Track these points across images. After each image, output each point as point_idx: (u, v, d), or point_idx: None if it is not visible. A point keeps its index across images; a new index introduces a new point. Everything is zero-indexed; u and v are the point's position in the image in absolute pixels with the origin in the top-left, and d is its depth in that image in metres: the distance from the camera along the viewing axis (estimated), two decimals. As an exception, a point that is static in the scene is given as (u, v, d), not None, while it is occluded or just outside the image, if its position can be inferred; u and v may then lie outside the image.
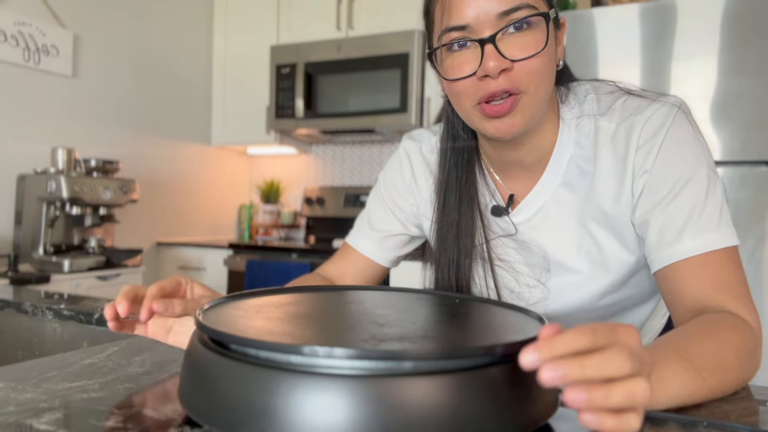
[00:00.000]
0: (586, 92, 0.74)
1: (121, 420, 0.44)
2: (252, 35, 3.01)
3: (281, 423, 0.36)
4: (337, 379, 0.36)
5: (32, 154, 2.25)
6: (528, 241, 0.77)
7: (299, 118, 2.78)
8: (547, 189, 0.75)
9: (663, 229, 0.65)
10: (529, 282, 0.78)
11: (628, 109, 0.69)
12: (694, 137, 0.67)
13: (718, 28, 1.70)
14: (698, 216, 0.63)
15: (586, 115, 0.73)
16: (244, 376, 0.38)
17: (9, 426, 0.42)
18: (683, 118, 0.67)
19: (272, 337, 0.41)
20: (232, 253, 2.69)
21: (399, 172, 0.90)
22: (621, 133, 0.69)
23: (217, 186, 3.25)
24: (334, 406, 0.35)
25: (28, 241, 2.10)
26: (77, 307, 0.95)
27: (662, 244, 0.65)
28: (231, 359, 0.40)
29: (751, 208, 1.66)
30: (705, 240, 0.63)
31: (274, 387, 0.37)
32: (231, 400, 0.38)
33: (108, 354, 0.64)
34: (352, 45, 2.65)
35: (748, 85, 1.67)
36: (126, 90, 2.67)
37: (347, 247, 0.94)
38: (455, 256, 0.79)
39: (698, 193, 0.64)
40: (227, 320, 0.47)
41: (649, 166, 0.67)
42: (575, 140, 0.73)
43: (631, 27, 1.81)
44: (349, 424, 0.35)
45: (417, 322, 0.50)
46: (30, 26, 2.21)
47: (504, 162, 0.77)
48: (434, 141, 0.86)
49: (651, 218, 0.67)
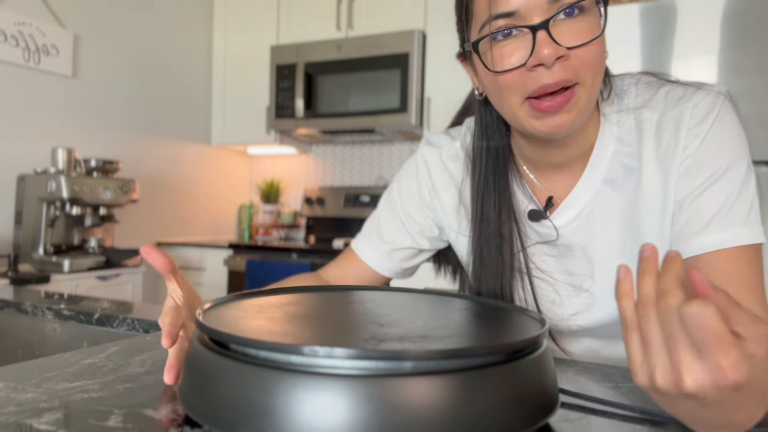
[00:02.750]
0: (626, 86, 0.70)
1: (121, 420, 0.44)
2: (252, 35, 3.01)
3: (281, 423, 0.36)
4: (337, 379, 0.36)
5: (32, 154, 2.25)
6: (570, 245, 0.72)
7: (299, 118, 2.78)
8: (589, 188, 0.70)
9: (691, 218, 0.63)
10: (570, 291, 0.73)
11: (674, 98, 0.66)
12: (739, 128, 0.65)
13: (718, 28, 1.70)
14: (728, 209, 0.61)
15: (626, 109, 0.68)
16: (243, 376, 0.38)
17: (9, 426, 0.42)
18: (730, 107, 0.65)
19: (272, 337, 0.41)
20: (232, 253, 2.69)
21: (416, 181, 0.84)
22: (668, 121, 0.65)
23: (217, 186, 3.25)
24: (334, 406, 0.35)
25: (28, 241, 2.10)
26: (77, 307, 0.95)
27: (688, 233, 0.63)
28: (231, 359, 0.40)
29: (751, 208, 1.66)
30: (731, 234, 0.61)
31: (273, 387, 0.37)
32: (231, 400, 0.38)
33: (108, 354, 0.64)
34: (352, 45, 2.65)
35: (748, 85, 1.67)
36: (126, 90, 2.67)
37: (352, 253, 0.88)
38: (500, 267, 0.73)
39: (733, 186, 0.62)
40: (227, 320, 0.47)
41: (693, 151, 0.63)
42: (617, 137, 0.68)
43: (631, 27, 1.81)
44: (349, 424, 0.35)
45: (417, 321, 0.50)
46: (30, 26, 2.21)
47: (542, 162, 0.72)
48: (456, 147, 0.81)
49: (682, 204, 0.64)
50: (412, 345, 0.41)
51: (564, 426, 0.44)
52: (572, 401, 0.49)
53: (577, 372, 0.60)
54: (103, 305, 0.97)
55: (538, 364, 0.42)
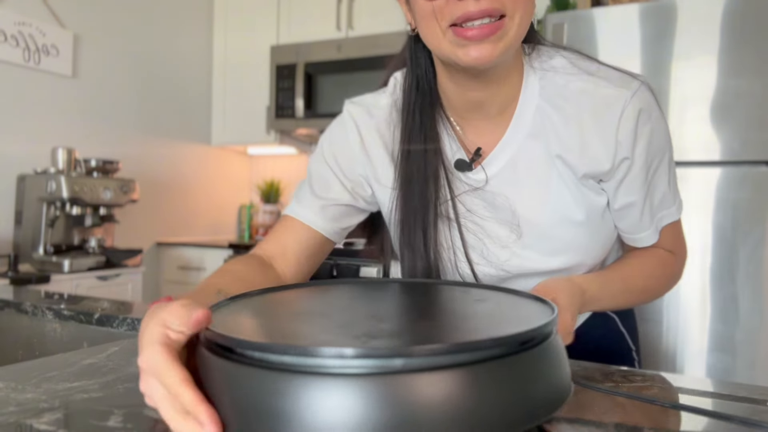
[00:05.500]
0: (554, 52, 0.73)
1: (121, 420, 0.43)
2: (252, 35, 3.01)
3: (291, 424, 0.36)
4: (345, 379, 0.36)
5: (32, 154, 2.25)
6: (496, 196, 0.73)
7: (299, 118, 2.78)
8: (514, 141, 0.71)
9: (643, 214, 0.73)
10: (497, 241, 0.74)
11: (608, 78, 0.68)
12: (664, 119, 0.72)
13: (718, 28, 1.70)
14: (669, 191, 0.74)
15: (554, 70, 0.70)
16: (251, 379, 0.38)
17: (9, 426, 0.42)
18: (654, 98, 0.70)
19: (279, 339, 0.41)
20: (233, 253, 2.69)
21: (345, 138, 0.81)
22: (600, 98, 0.67)
23: (217, 186, 3.24)
24: (344, 404, 0.35)
25: (28, 241, 2.10)
26: (77, 307, 0.95)
27: (643, 226, 0.74)
28: (234, 363, 0.39)
29: (751, 208, 1.66)
30: (672, 211, 0.75)
31: (282, 389, 0.36)
32: (236, 403, 0.38)
33: (108, 354, 0.64)
34: (352, 45, 2.65)
35: (748, 85, 1.67)
36: (126, 90, 2.67)
37: (286, 219, 0.82)
38: (426, 213, 0.73)
39: (668, 173, 0.73)
40: (230, 324, 0.47)
41: (629, 152, 0.68)
42: (540, 92, 0.70)
43: (631, 27, 1.81)
44: (358, 423, 0.35)
45: (420, 314, 0.50)
46: (30, 26, 2.21)
47: (467, 110, 0.73)
48: (384, 102, 0.80)
49: (633, 203, 0.72)
50: (417, 339, 0.40)
51: (566, 427, 0.44)
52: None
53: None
54: (103, 305, 0.97)
55: (549, 352, 0.42)
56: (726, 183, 1.68)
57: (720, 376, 1.68)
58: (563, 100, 0.69)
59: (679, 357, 1.72)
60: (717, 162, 1.69)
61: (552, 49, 0.73)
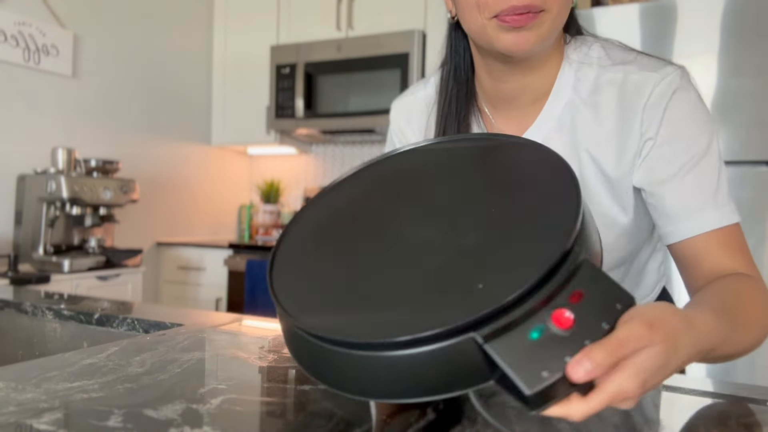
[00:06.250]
0: (594, 42, 0.74)
1: (121, 420, 0.44)
2: (252, 35, 3.01)
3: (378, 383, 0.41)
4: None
5: (32, 154, 2.25)
6: None
7: (299, 118, 2.78)
8: (540, 132, 0.73)
9: (683, 201, 0.66)
10: None
11: (640, 65, 0.68)
12: (704, 105, 0.67)
13: (718, 28, 1.70)
14: (716, 189, 0.65)
15: (590, 62, 0.71)
16: (342, 357, 0.42)
17: (9, 426, 0.42)
18: (691, 84, 0.68)
19: (360, 333, 0.41)
20: (232, 253, 2.69)
21: (390, 140, 0.89)
22: (630, 85, 0.67)
23: (217, 186, 3.25)
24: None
25: (28, 241, 2.10)
26: (77, 307, 0.95)
27: (682, 216, 0.66)
28: (329, 344, 0.43)
29: (751, 208, 1.66)
30: (723, 213, 0.64)
31: (368, 364, 0.41)
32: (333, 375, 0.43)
33: (108, 354, 0.64)
34: (352, 45, 2.65)
35: (748, 85, 1.67)
36: (126, 90, 2.67)
37: None
38: None
39: (713, 166, 0.65)
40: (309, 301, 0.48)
41: (654, 133, 0.66)
42: (574, 84, 0.71)
43: (631, 27, 1.81)
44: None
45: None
46: (30, 26, 2.21)
47: (500, 99, 0.75)
48: (419, 96, 0.85)
49: (667, 189, 0.66)
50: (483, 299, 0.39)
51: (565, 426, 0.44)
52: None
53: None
54: (103, 305, 0.97)
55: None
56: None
57: (720, 376, 1.68)
58: (595, 93, 0.70)
59: (679, 357, 1.72)
60: (717, 162, 1.69)
61: (592, 39, 0.74)
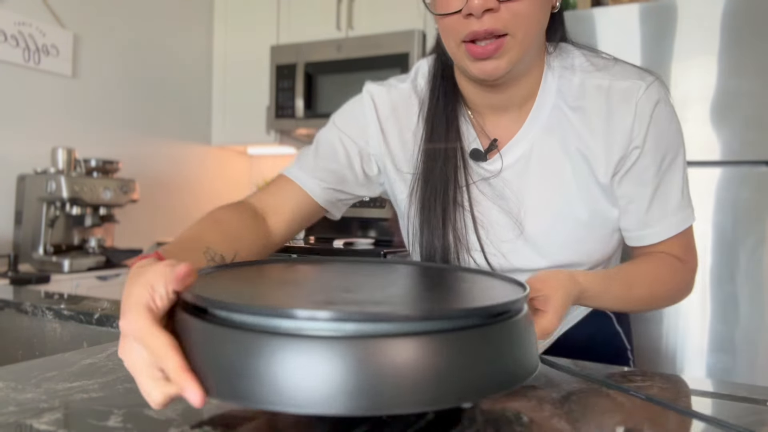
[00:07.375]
0: (575, 49, 0.76)
1: (121, 420, 0.44)
2: (252, 35, 3.01)
3: (264, 384, 0.36)
4: (318, 341, 0.36)
5: (32, 154, 2.25)
6: (506, 187, 0.75)
7: (299, 118, 2.78)
8: (529, 135, 0.74)
9: (654, 209, 0.73)
10: (503, 232, 0.76)
11: (623, 71, 0.71)
12: (677, 117, 0.73)
13: (718, 28, 1.70)
14: (681, 195, 0.73)
15: (572, 68, 0.73)
16: (226, 340, 0.38)
17: (9, 426, 0.42)
18: (667, 95, 0.72)
19: (255, 302, 0.41)
20: (232, 253, 2.68)
21: (362, 113, 0.82)
22: (616, 91, 0.70)
23: (217, 186, 3.24)
24: (316, 366, 0.36)
25: (28, 241, 2.10)
26: (77, 307, 0.95)
27: (651, 221, 0.73)
28: (210, 323, 0.39)
29: (751, 208, 1.66)
30: (685, 215, 0.74)
31: (256, 350, 0.36)
32: (215, 364, 0.38)
33: (108, 354, 0.64)
34: (352, 45, 2.65)
35: (748, 85, 1.67)
36: (126, 90, 2.67)
37: (284, 179, 0.84)
38: (444, 185, 0.75)
39: (682, 172, 0.73)
40: (211, 288, 0.46)
41: (641, 141, 0.69)
42: (558, 89, 0.73)
43: (631, 27, 1.81)
44: (328, 384, 0.35)
45: (395, 288, 0.50)
46: (30, 26, 2.21)
47: (485, 106, 0.76)
48: (404, 87, 0.82)
49: (644, 196, 0.72)
50: (391, 307, 0.41)
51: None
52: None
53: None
54: (103, 305, 0.97)
55: (517, 327, 0.43)
56: (726, 183, 1.68)
57: (720, 376, 1.68)
58: (580, 98, 0.72)
59: (679, 357, 1.72)
60: (717, 162, 1.69)
61: (574, 48, 0.76)
